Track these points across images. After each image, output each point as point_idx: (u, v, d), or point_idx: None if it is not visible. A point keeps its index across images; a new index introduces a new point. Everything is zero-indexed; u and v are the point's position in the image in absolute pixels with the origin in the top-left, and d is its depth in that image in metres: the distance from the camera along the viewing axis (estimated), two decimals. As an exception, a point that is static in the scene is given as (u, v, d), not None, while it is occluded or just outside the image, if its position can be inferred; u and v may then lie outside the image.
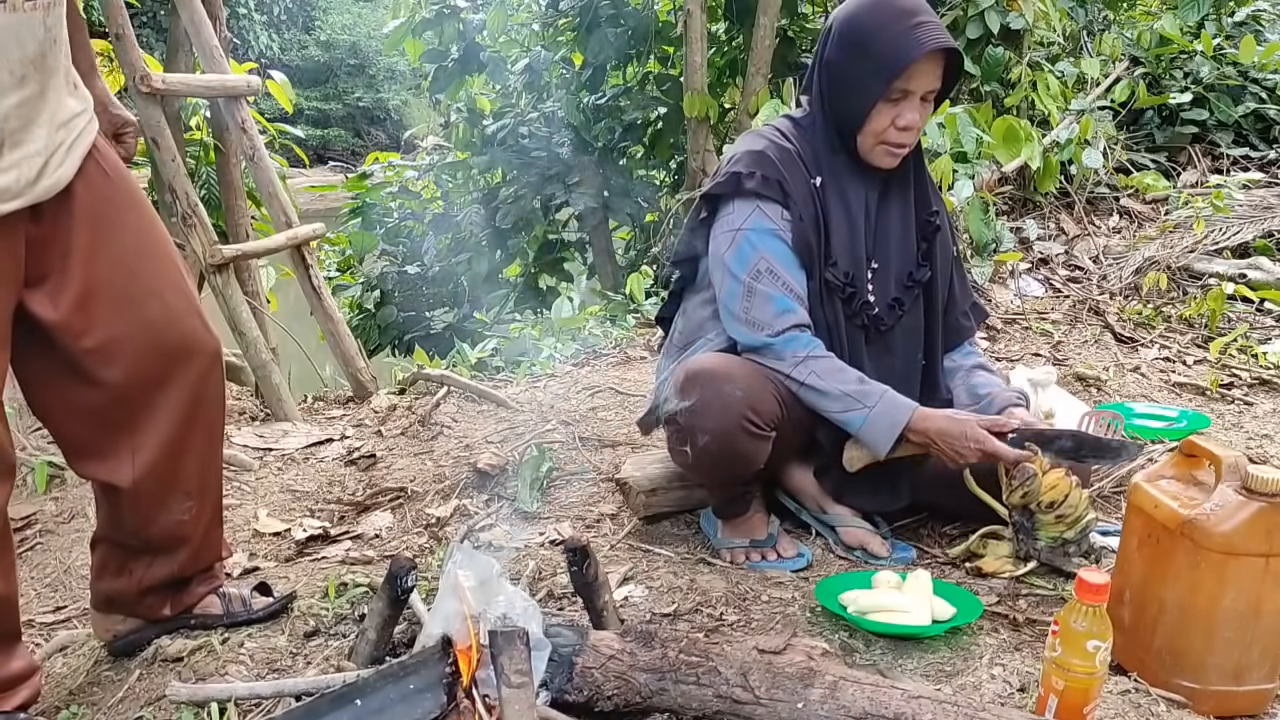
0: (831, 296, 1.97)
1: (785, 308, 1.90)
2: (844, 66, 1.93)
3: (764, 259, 1.92)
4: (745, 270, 1.92)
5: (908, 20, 1.84)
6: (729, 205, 1.97)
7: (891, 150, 1.94)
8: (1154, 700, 1.50)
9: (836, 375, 1.88)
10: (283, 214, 3.27)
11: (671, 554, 2.08)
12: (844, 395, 1.86)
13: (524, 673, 1.27)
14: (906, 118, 1.89)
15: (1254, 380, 3.24)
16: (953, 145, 4.18)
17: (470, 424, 2.90)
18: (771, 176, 1.93)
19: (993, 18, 4.89)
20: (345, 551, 2.18)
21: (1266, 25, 5.80)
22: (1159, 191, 4.84)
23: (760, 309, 1.91)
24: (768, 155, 1.95)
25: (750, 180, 1.93)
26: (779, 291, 1.91)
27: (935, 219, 2.08)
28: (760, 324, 1.90)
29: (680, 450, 2.02)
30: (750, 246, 1.92)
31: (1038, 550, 1.90)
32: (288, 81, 3.76)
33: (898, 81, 1.86)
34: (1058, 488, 1.85)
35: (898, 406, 1.86)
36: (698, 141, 5.35)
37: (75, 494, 2.45)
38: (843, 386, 1.87)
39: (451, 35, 6.52)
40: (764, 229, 1.93)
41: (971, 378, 2.11)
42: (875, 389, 1.88)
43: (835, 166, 1.98)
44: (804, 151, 1.98)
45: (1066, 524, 1.87)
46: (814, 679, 1.37)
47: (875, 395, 1.87)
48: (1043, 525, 1.88)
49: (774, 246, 1.92)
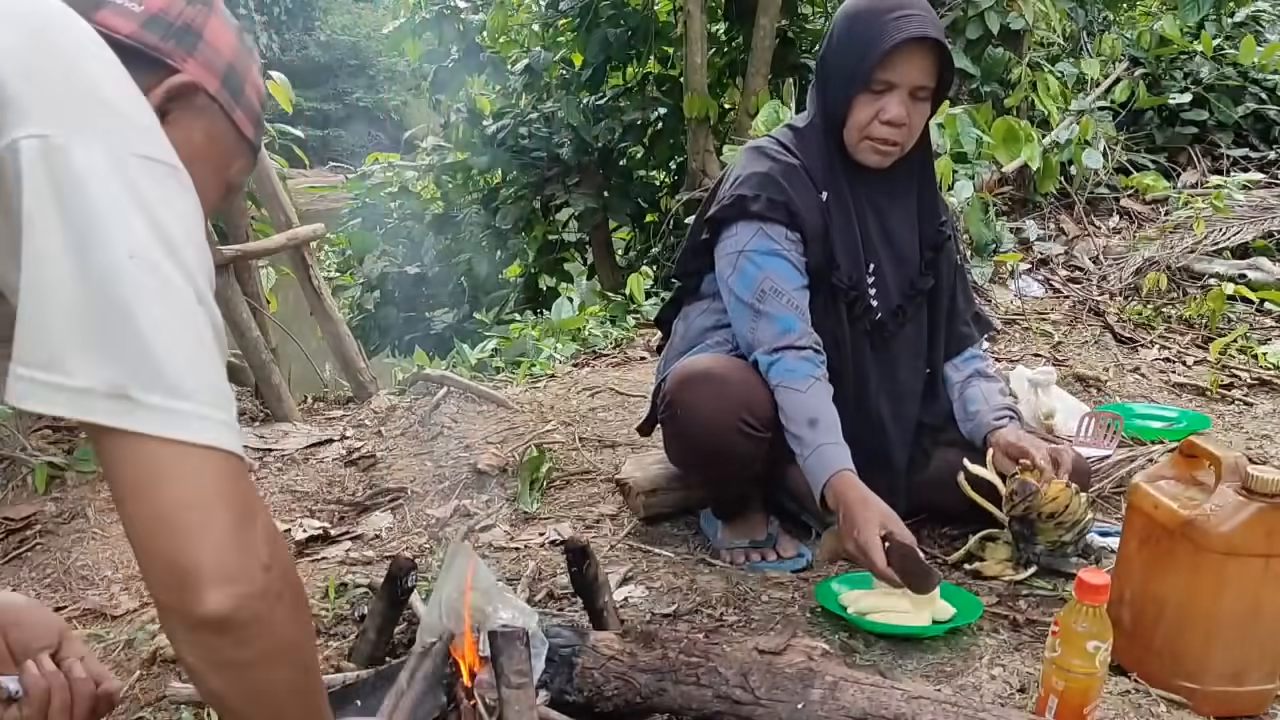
0: (836, 301, 1.96)
1: (786, 327, 1.88)
2: (831, 59, 1.92)
3: (769, 279, 1.90)
4: (750, 292, 1.90)
5: (893, 10, 1.83)
6: (732, 228, 1.95)
7: (877, 146, 1.90)
8: (1154, 700, 1.50)
9: (795, 411, 1.84)
10: (282, 214, 3.27)
11: (671, 554, 2.08)
12: (791, 434, 1.84)
13: (524, 673, 1.27)
14: (891, 111, 1.85)
15: (1254, 381, 3.24)
16: (952, 146, 4.18)
17: (470, 424, 2.90)
18: (778, 199, 1.90)
19: (992, 18, 4.90)
20: (345, 552, 2.18)
21: (1266, 25, 5.80)
22: (1159, 192, 4.84)
23: (763, 330, 1.89)
24: (773, 177, 1.92)
25: (755, 204, 1.90)
26: (781, 310, 1.89)
27: (944, 229, 2.07)
28: (760, 343, 1.90)
29: (677, 451, 2.03)
30: (754, 267, 1.91)
31: (1036, 555, 1.90)
32: (288, 81, 3.75)
33: (878, 71, 1.83)
34: (1059, 499, 1.84)
35: (824, 464, 1.79)
36: (697, 142, 5.36)
37: (75, 494, 2.45)
38: (794, 426, 1.84)
39: (451, 35, 6.53)
40: (767, 250, 1.91)
41: (965, 390, 2.08)
42: (815, 439, 1.81)
43: (838, 173, 1.96)
44: (809, 165, 1.95)
45: (1065, 529, 1.86)
46: (814, 679, 1.37)
47: (813, 445, 1.81)
48: (1042, 532, 1.88)
49: (777, 265, 1.91)
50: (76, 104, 0.82)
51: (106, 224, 0.79)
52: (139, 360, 0.79)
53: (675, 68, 6.22)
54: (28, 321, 0.78)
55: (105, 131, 0.82)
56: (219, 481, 0.82)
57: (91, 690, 1.10)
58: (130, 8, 0.96)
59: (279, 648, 0.87)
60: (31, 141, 0.79)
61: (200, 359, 0.83)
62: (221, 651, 0.84)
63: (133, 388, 0.78)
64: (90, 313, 0.78)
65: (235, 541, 0.82)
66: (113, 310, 0.79)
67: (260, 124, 1.08)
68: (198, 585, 0.80)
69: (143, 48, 0.95)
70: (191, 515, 0.81)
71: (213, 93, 1.00)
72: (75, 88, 0.83)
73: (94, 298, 0.78)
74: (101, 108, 0.83)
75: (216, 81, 1.01)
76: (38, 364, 0.78)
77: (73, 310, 0.78)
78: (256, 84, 1.07)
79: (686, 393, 1.87)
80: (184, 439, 0.80)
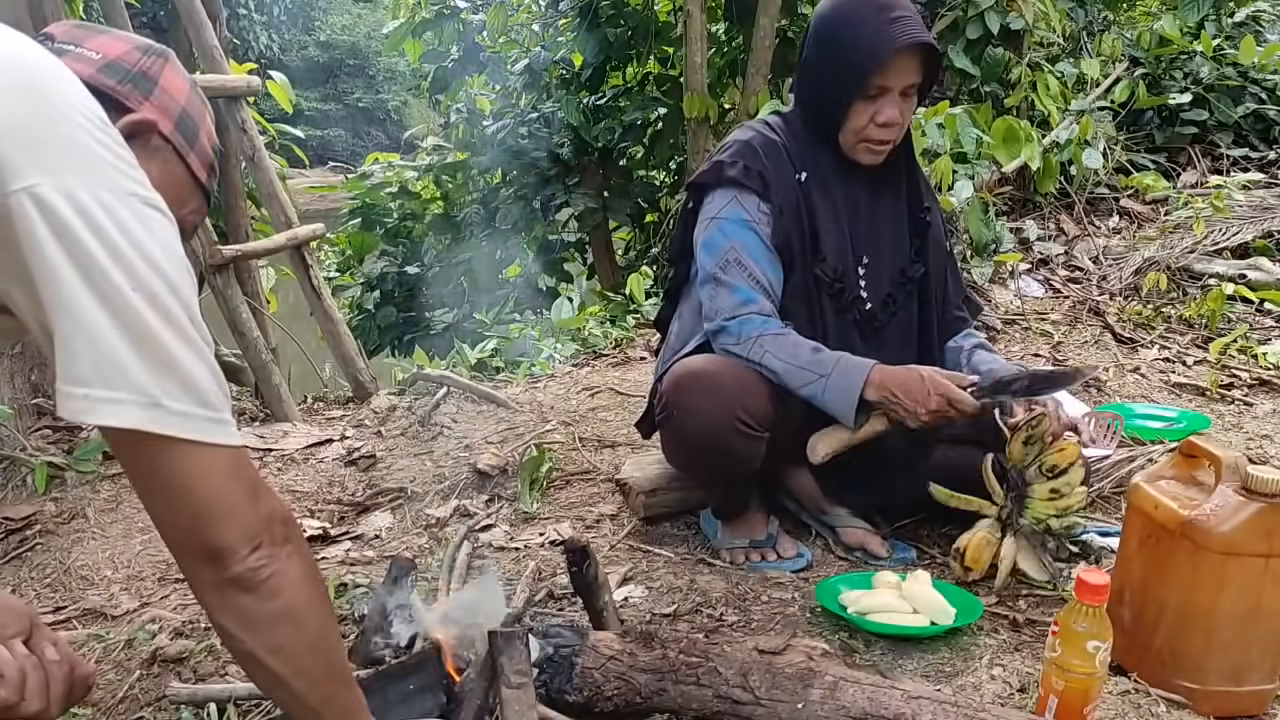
0: (821, 293, 1.97)
1: (745, 298, 1.90)
2: (821, 65, 1.93)
3: (734, 249, 1.92)
4: (714, 261, 1.93)
5: (881, 16, 1.83)
6: (711, 194, 1.98)
7: (873, 148, 1.93)
8: (1154, 700, 1.50)
9: (790, 350, 1.85)
10: (282, 214, 3.27)
11: (671, 554, 2.08)
12: (800, 369, 1.84)
13: (524, 673, 1.28)
14: (885, 114, 1.87)
15: (1254, 381, 3.24)
16: (953, 145, 4.18)
17: (470, 424, 2.90)
18: (753, 167, 1.93)
19: (992, 18, 4.90)
20: (345, 552, 2.18)
21: (1266, 26, 5.80)
22: (1159, 192, 4.84)
23: (723, 299, 1.91)
24: (753, 146, 1.96)
25: (732, 169, 1.94)
26: (743, 283, 1.90)
27: (927, 215, 2.08)
28: (719, 312, 1.90)
29: (675, 452, 2.03)
30: (722, 236, 1.93)
31: (1020, 525, 1.87)
32: (287, 82, 3.75)
33: (873, 79, 1.84)
34: (1066, 451, 1.84)
35: (854, 366, 1.83)
36: (697, 142, 5.35)
37: (75, 494, 2.45)
38: (797, 360, 1.84)
39: (451, 36, 6.53)
40: (738, 219, 1.93)
41: (974, 356, 2.10)
42: (830, 356, 1.84)
43: (822, 164, 1.97)
44: (791, 146, 1.98)
45: (1056, 507, 1.85)
46: (814, 679, 1.37)
47: (830, 362, 1.83)
48: (1035, 496, 1.87)
49: (745, 237, 1.92)
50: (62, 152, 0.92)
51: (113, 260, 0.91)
52: (164, 374, 0.94)
53: (675, 68, 6.22)
54: (71, 350, 0.92)
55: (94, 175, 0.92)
56: (235, 471, 0.99)
57: (67, 673, 1.14)
58: (89, 55, 1.07)
59: (298, 602, 1.03)
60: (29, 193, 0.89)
61: (202, 370, 0.97)
62: (252, 608, 1.00)
63: (163, 398, 0.93)
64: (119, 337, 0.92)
65: (252, 514, 0.99)
66: (136, 334, 0.92)
67: (214, 170, 1.19)
68: (229, 555, 0.98)
69: (101, 89, 1.05)
70: (218, 503, 0.97)
71: (167, 134, 1.11)
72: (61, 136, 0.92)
73: (119, 325, 0.92)
74: (86, 153, 0.93)
75: (170, 124, 1.11)
76: (86, 383, 0.91)
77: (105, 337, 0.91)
78: (210, 132, 1.17)
79: (682, 394, 1.87)
80: (206, 440, 0.96)
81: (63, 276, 0.91)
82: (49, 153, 0.91)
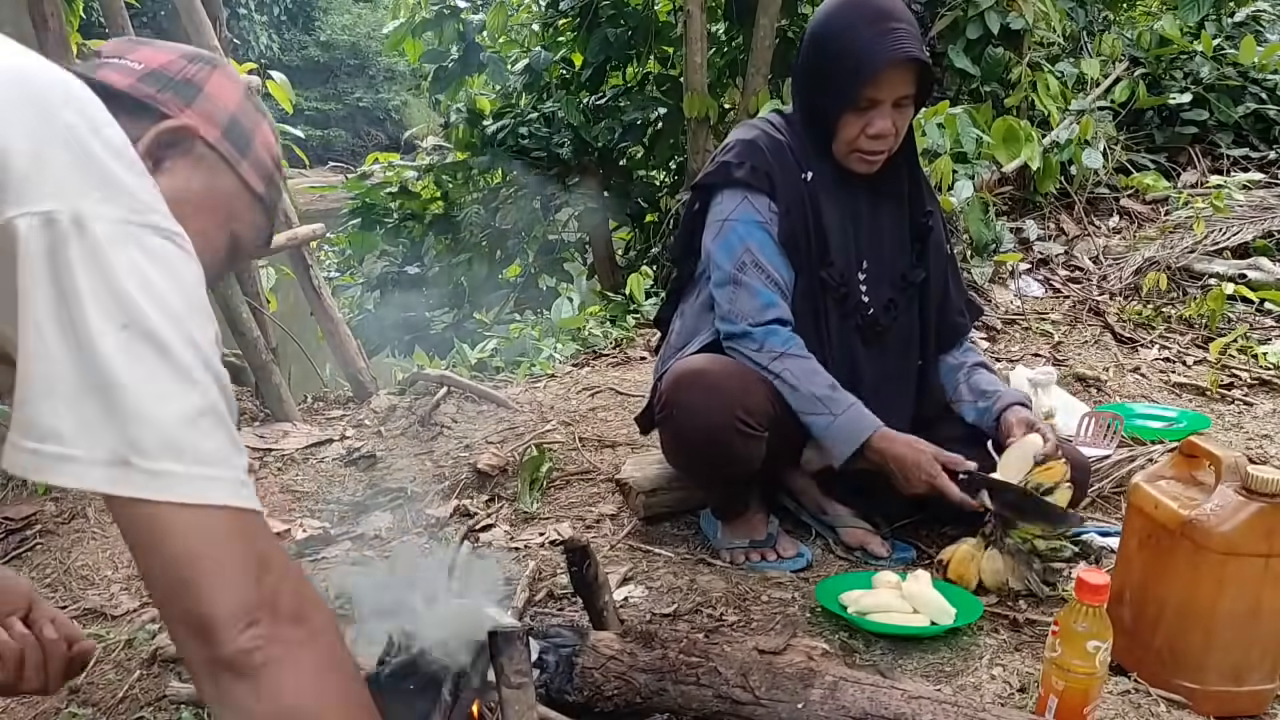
0: (826, 296, 1.97)
1: (768, 302, 1.90)
2: (812, 76, 1.93)
3: (749, 250, 1.92)
4: (731, 262, 1.92)
5: (874, 28, 1.82)
6: (719, 195, 1.98)
7: (865, 158, 1.92)
8: (1154, 700, 1.50)
9: (810, 377, 1.87)
10: (282, 214, 3.27)
11: (671, 554, 2.08)
12: (814, 398, 1.86)
13: (524, 673, 1.27)
14: (877, 126, 1.87)
15: (1254, 381, 3.24)
16: (952, 145, 4.18)
17: (470, 424, 2.90)
18: (760, 167, 1.93)
19: (993, 18, 4.90)
20: (345, 552, 2.18)
21: (1266, 25, 5.80)
22: (1159, 192, 4.84)
23: (745, 301, 1.91)
24: (758, 145, 1.95)
25: (739, 170, 1.93)
26: (763, 285, 1.91)
27: (929, 220, 2.07)
28: (743, 315, 1.91)
29: (674, 452, 2.02)
30: (737, 238, 1.93)
31: (1004, 543, 1.86)
32: (288, 81, 3.75)
33: (864, 91, 1.84)
34: (1053, 471, 1.84)
35: (863, 420, 1.85)
36: (698, 142, 5.35)
37: (75, 494, 2.45)
38: (814, 389, 1.86)
39: (451, 35, 6.52)
40: (750, 220, 1.93)
41: (974, 375, 2.10)
42: (845, 399, 1.87)
43: (824, 167, 1.97)
44: (795, 146, 1.97)
45: (1042, 515, 1.83)
46: (814, 679, 1.37)
47: (843, 404, 1.86)
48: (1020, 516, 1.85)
49: (759, 238, 1.92)
50: (78, 177, 0.82)
51: (98, 295, 0.80)
52: (136, 428, 0.80)
53: (675, 68, 6.22)
54: (26, 394, 0.79)
55: (104, 203, 0.82)
56: (228, 534, 0.84)
57: (64, 650, 1.14)
58: (131, 65, 1.00)
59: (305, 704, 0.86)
60: (32, 218, 0.79)
61: (200, 422, 0.83)
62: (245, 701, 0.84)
63: (132, 455, 0.80)
64: (85, 383, 0.79)
65: (250, 586, 0.84)
66: (105, 381, 0.79)
67: (274, 182, 1.08)
68: (217, 630, 0.82)
69: (136, 97, 0.98)
70: (201, 567, 0.82)
71: (212, 141, 1.01)
72: (76, 161, 0.83)
73: (87, 368, 0.79)
74: (101, 180, 0.83)
75: (217, 131, 1.02)
76: (37, 436, 0.79)
77: (68, 381, 0.79)
78: (267, 141, 1.07)
79: (682, 393, 1.87)
80: (186, 500, 0.82)
81: (30, 308, 0.79)
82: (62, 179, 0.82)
